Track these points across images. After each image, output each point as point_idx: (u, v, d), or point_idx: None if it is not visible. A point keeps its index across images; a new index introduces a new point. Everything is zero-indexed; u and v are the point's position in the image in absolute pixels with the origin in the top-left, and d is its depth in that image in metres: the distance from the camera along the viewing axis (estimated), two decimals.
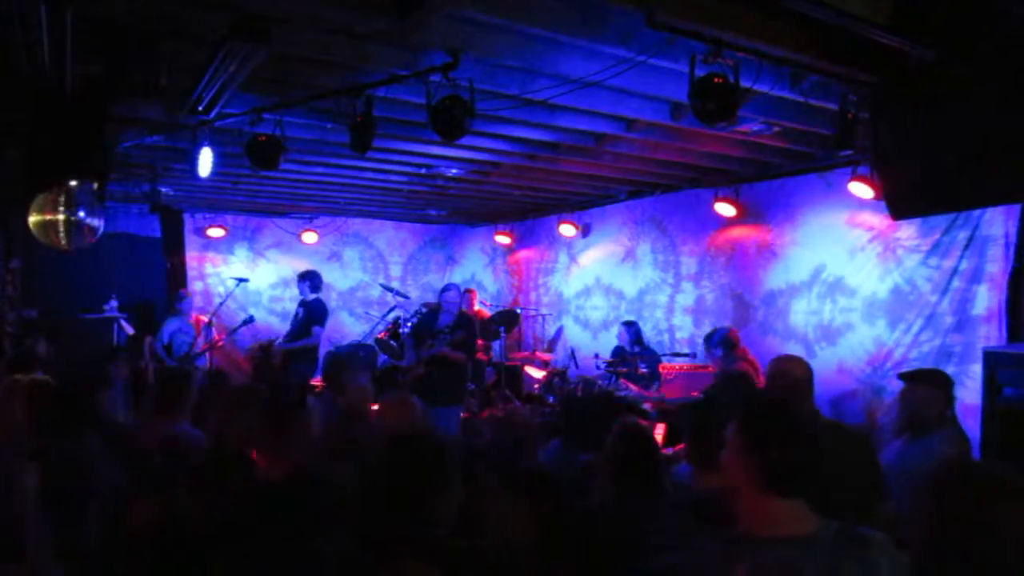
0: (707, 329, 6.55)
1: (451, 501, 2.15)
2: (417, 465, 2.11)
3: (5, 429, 3.30)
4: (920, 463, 3.19)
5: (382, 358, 8.83)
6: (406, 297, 9.54)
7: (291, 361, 7.87)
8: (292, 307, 8.65)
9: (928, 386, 3.54)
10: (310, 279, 8.07)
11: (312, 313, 7.93)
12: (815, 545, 1.74)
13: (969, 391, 5.09)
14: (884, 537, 1.79)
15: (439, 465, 2.15)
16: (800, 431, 1.86)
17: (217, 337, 8.17)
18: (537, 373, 8.53)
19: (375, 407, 4.20)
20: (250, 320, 8.33)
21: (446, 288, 7.03)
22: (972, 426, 4.71)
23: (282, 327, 8.49)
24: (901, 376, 3.75)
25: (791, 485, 1.80)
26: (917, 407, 3.50)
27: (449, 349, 6.53)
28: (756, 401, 1.99)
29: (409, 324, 7.82)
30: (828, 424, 3.43)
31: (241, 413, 2.89)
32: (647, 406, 6.28)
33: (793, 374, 3.40)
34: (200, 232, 9.53)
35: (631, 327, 7.53)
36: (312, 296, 8.03)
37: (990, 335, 5.17)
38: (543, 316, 9.79)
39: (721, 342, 5.33)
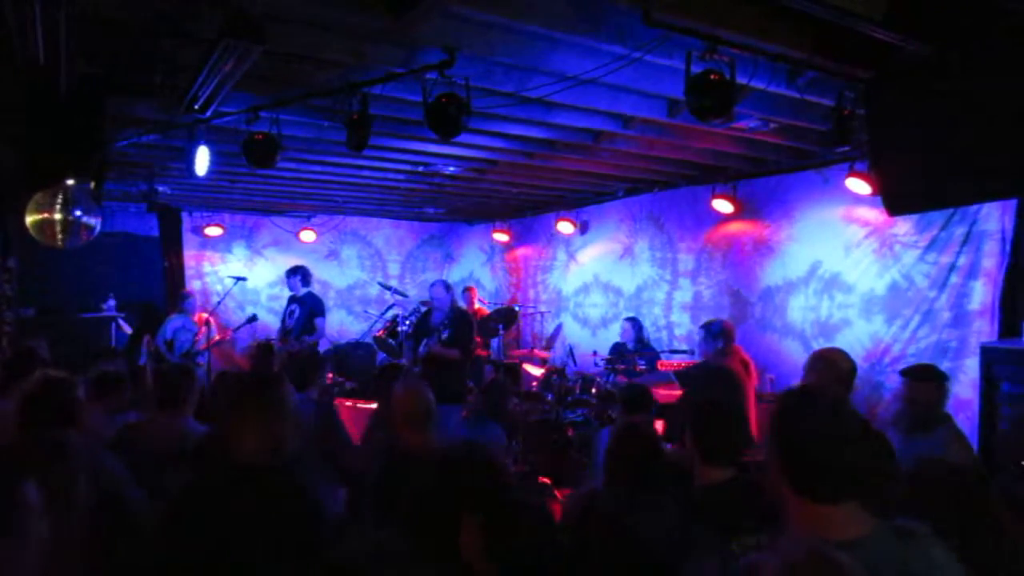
0: None
1: None
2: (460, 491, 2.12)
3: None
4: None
5: (380, 356, 8.82)
6: (404, 295, 9.53)
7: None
8: None
9: (928, 383, 3.54)
10: (301, 273, 8.07)
11: (312, 307, 7.94)
12: (862, 550, 1.49)
13: (963, 386, 5.10)
14: (926, 528, 1.61)
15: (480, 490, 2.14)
16: (843, 429, 1.60)
17: (219, 336, 8.16)
18: (535, 371, 8.52)
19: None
20: (254, 318, 8.32)
21: (432, 285, 7.04)
22: (964, 420, 4.73)
23: None
24: (902, 373, 3.75)
25: (830, 491, 1.58)
26: (918, 403, 3.49)
27: (440, 347, 6.52)
28: (790, 394, 1.76)
29: (407, 322, 7.81)
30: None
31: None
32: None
33: (838, 365, 3.34)
34: (198, 231, 9.52)
35: (635, 323, 7.56)
36: (304, 290, 8.04)
37: (982, 330, 5.19)
38: (541, 314, 9.79)
39: (722, 333, 5.36)
